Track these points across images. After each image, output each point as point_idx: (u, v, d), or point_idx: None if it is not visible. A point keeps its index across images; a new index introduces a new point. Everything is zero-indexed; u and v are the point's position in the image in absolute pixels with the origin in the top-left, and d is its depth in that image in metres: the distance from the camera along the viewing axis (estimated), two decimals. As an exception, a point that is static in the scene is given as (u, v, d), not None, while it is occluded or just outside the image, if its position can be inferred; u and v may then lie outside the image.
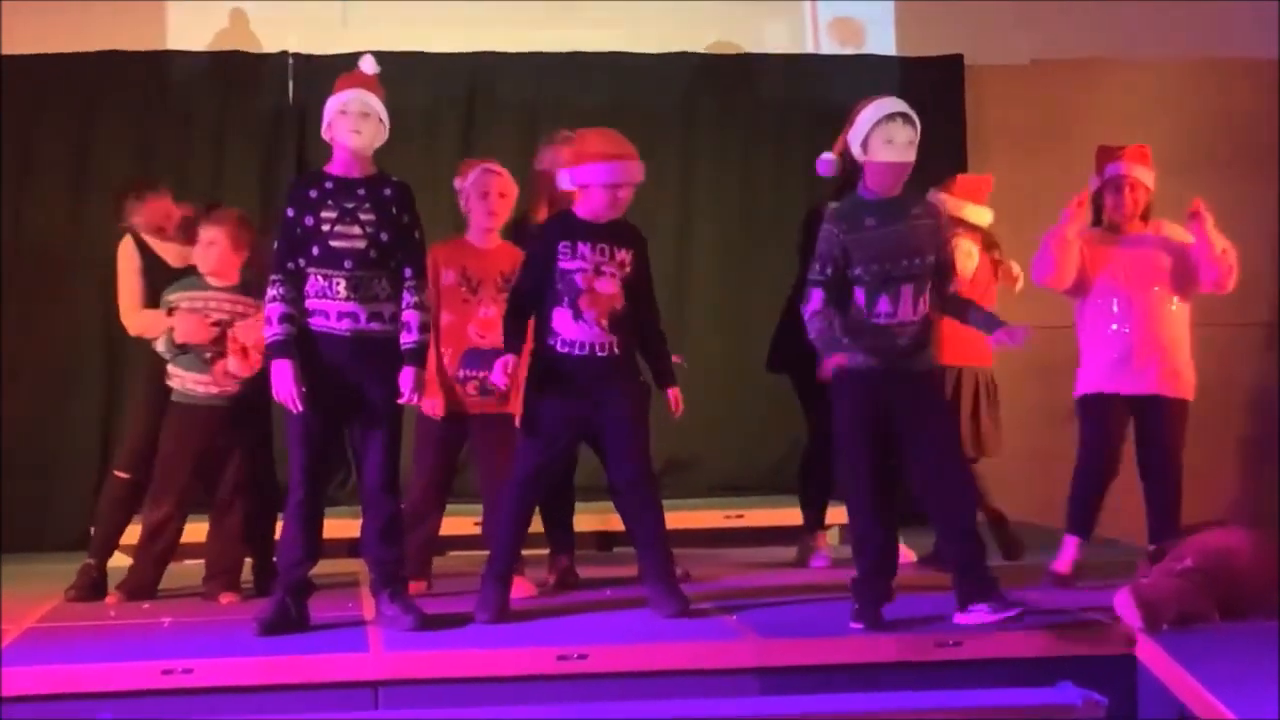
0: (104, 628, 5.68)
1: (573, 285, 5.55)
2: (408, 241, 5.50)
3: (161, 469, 6.20)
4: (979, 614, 5.32)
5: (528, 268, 5.69)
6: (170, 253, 6.40)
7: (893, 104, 5.38)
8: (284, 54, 8.48)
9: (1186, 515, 6.06)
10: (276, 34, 8.51)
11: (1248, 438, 9.05)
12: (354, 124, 5.42)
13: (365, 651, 5.16)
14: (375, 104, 5.45)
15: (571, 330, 5.56)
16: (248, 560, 6.32)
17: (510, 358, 5.52)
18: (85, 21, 8.27)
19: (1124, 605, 5.24)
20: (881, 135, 5.34)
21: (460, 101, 8.60)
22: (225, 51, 8.49)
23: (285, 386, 5.35)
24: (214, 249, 6.14)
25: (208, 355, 6.11)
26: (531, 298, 5.63)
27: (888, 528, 5.49)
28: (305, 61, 8.40)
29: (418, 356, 5.46)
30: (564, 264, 5.56)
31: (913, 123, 5.36)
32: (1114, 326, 6.03)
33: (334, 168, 5.50)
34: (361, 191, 5.45)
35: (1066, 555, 6.12)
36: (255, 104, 8.48)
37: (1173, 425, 6.04)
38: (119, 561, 6.43)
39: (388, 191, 5.49)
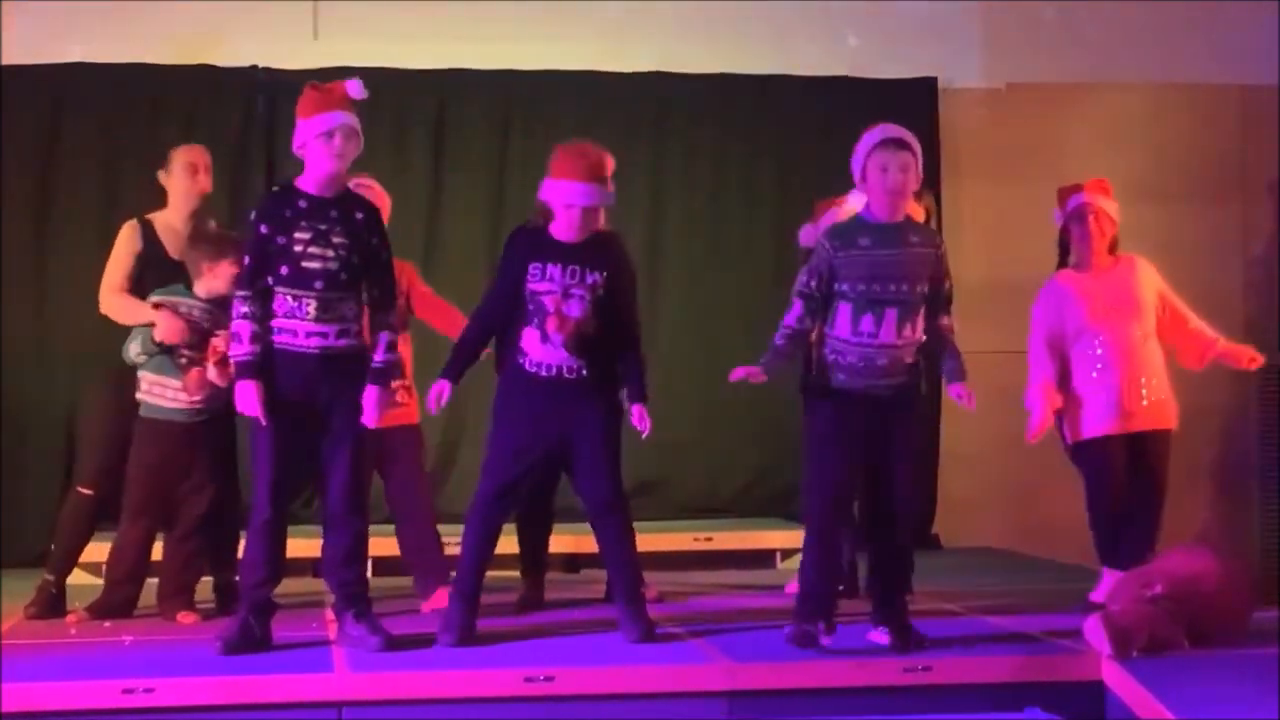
0: (64, 646, 5.62)
1: (541, 307, 5.49)
2: (376, 263, 5.46)
3: (135, 486, 6.11)
4: (880, 638, 5.43)
5: (498, 284, 5.62)
6: (173, 242, 6.27)
7: (887, 130, 5.40)
8: (253, 68, 8.43)
9: (1159, 541, 6.06)
10: (246, 47, 8.44)
11: (1221, 459, 9.07)
12: (340, 148, 5.35)
13: (330, 671, 5.12)
14: (358, 125, 5.39)
15: (539, 352, 5.50)
16: (206, 578, 6.25)
17: (445, 385, 5.49)
18: (50, 32, 8.19)
19: (1094, 631, 5.24)
20: (877, 162, 5.36)
21: (430, 119, 8.57)
22: (193, 65, 8.41)
23: (252, 407, 5.31)
24: (219, 283, 5.99)
25: (183, 360, 6.04)
26: (500, 317, 5.58)
27: (838, 545, 5.54)
28: (275, 76, 8.34)
29: (382, 377, 5.42)
30: (533, 285, 5.49)
31: (909, 148, 5.37)
32: (1098, 368, 6.02)
33: (307, 185, 5.43)
34: (334, 213, 5.40)
35: (1105, 586, 6.08)
36: (224, 118, 8.40)
37: (1161, 457, 6.09)
38: (77, 579, 6.36)
39: (360, 215, 5.44)
